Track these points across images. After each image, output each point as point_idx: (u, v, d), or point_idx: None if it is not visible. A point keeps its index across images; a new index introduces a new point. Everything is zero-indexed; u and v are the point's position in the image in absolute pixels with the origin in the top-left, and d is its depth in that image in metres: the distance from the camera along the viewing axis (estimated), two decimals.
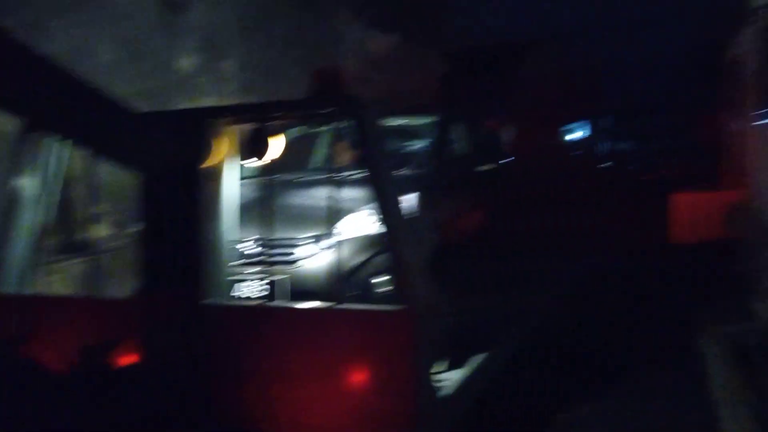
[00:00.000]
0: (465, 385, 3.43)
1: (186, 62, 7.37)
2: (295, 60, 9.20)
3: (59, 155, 3.20)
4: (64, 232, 5.85)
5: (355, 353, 2.62)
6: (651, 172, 20.87)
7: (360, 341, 2.62)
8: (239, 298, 3.45)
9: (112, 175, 5.61)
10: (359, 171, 3.05)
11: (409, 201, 3.79)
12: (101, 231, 6.40)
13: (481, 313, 4.75)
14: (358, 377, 2.62)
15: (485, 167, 5.16)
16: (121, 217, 6.35)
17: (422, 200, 3.99)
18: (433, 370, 2.89)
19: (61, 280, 5.35)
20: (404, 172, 4.32)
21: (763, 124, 7.49)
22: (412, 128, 5.06)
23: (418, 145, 5.02)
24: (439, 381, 3.24)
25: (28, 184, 3.20)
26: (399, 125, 5.08)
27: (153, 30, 6.84)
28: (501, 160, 6.28)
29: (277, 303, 2.98)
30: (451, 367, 3.66)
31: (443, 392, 3.11)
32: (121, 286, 3.90)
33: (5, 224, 3.18)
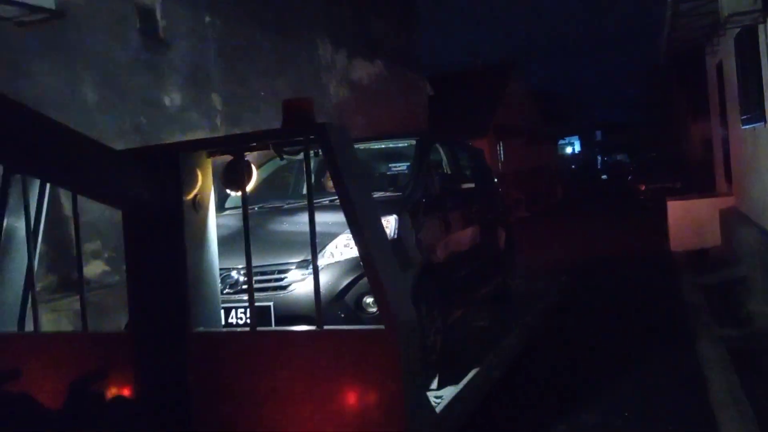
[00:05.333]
0: (458, 401, 3.45)
1: (172, 98, 7.49)
2: (279, 90, 9.36)
3: (41, 195, 3.27)
4: (61, 271, 5.89)
5: (343, 374, 2.64)
6: (645, 182, 21.07)
7: (346, 362, 2.65)
8: (234, 325, 3.49)
9: (104, 212, 5.71)
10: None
11: (390, 222, 3.86)
12: (97, 268, 6.44)
13: (471, 328, 4.79)
14: (348, 398, 2.64)
15: (468, 186, 5.24)
16: (115, 254, 6.40)
17: (405, 221, 4.05)
18: (422, 389, 2.91)
19: (62, 317, 5.38)
20: (386, 194, 4.39)
21: (746, 128, 7.64)
22: (394, 151, 5.15)
23: (401, 167, 5.11)
24: (431, 398, 3.26)
25: (13, 224, 3.25)
26: (382, 148, 5.17)
27: (137, 68, 6.96)
28: (485, 178, 6.37)
29: (264, 328, 3.01)
30: (442, 385, 3.69)
31: (435, 409, 3.13)
32: (119, 321, 3.94)
33: None
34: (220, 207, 4.67)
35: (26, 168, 2.62)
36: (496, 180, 7.19)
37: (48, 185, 3.25)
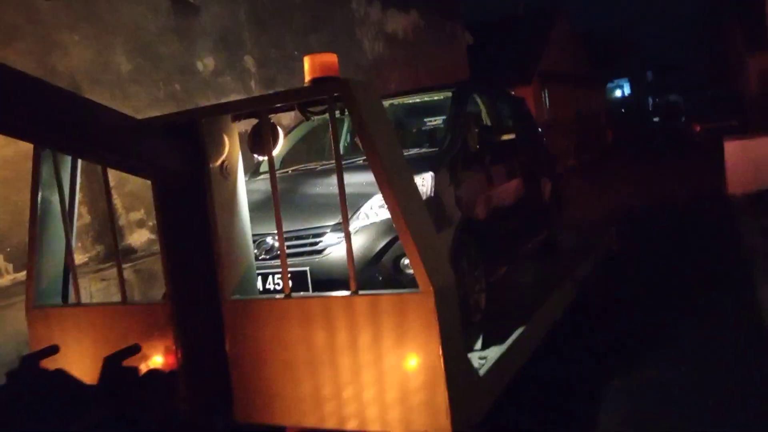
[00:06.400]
0: (503, 361, 3.35)
1: (205, 63, 7.42)
2: (314, 49, 9.18)
3: (73, 169, 3.26)
4: (107, 240, 6.01)
5: (380, 340, 2.57)
6: (700, 122, 20.06)
7: (383, 327, 2.57)
8: (272, 291, 3.45)
9: (146, 180, 5.76)
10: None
11: (426, 180, 3.71)
12: (142, 236, 6.56)
13: (517, 285, 4.65)
14: (386, 364, 2.58)
15: (510, 137, 5.00)
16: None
17: (442, 178, 3.89)
18: (463, 351, 2.82)
19: (111, 286, 5.50)
20: (422, 150, 4.23)
21: None
22: (430, 104, 4.95)
23: (437, 121, 4.92)
24: (475, 360, 3.17)
25: (48, 199, 3.26)
26: (416, 102, 4.98)
27: (168, 35, 6.90)
28: (529, 129, 6.11)
29: (299, 294, 2.95)
30: (487, 345, 3.59)
31: (479, 371, 3.04)
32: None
33: (36, 239, 3.26)
34: (255, 171, 4.61)
35: (52, 143, 2.59)
36: (540, 129, 6.89)
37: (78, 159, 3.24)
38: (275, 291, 3.46)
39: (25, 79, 2.10)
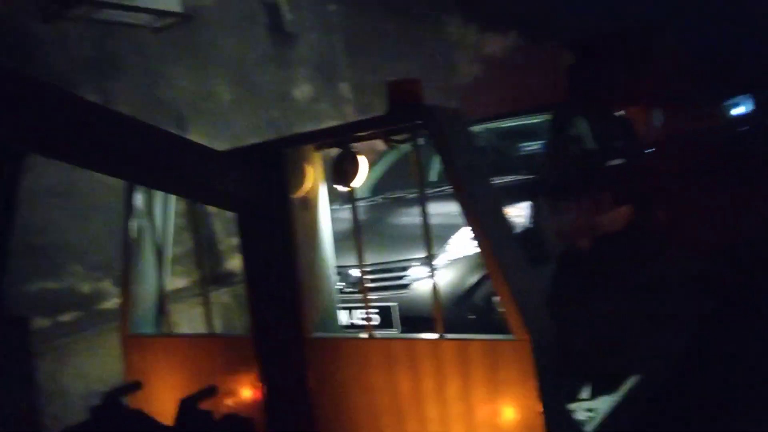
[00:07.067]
0: (615, 414, 2.98)
1: (302, 90, 7.54)
2: (410, 73, 9.13)
3: (166, 196, 3.28)
4: (207, 265, 6.16)
5: (470, 389, 2.34)
6: None
7: (473, 375, 2.33)
8: (350, 326, 3.30)
9: None
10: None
11: (523, 210, 3.44)
12: (241, 262, 6.67)
13: (627, 328, 4.21)
14: (477, 415, 2.33)
15: (615, 162, 4.61)
16: None
17: (541, 207, 3.60)
18: (565, 403, 2.51)
19: (207, 312, 5.60)
20: (519, 177, 3.96)
21: None
22: (528, 127, 4.67)
23: (535, 145, 4.62)
24: (582, 412, 2.85)
25: (143, 226, 3.30)
26: (513, 126, 4.72)
27: (266, 64, 7.06)
28: (636, 151, 5.65)
29: (384, 334, 2.77)
30: (596, 394, 3.22)
31: (585, 427, 2.71)
32: None
33: (131, 267, 3.30)
34: (343, 199, 4.51)
35: (132, 178, 2.59)
36: (648, 151, 6.37)
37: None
38: (359, 327, 3.30)
39: (105, 112, 2.09)
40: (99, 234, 4.63)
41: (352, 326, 3.29)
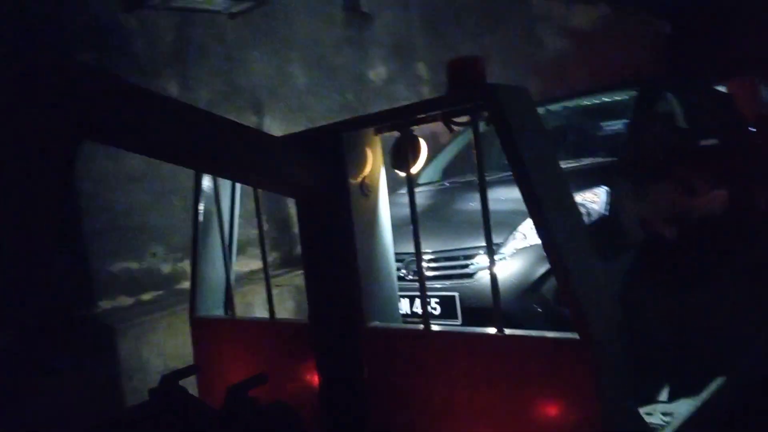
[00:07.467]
0: (695, 420, 2.75)
1: (377, 71, 7.46)
2: (489, 50, 8.82)
3: (231, 183, 3.32)
4: (283, 248, 6.28)
5: (528, 388, 2.20)
6: None
7: (532, 373, 2.20)
8: (412, 314, 3.22)
9: None
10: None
11: (599, 196, 3.21)
12: None
13: (715, 324, 3.88)
14: (534, 416, 2.20)
15: (711, 142, 4.22)
16: None
17: (621, 192, 3.35)
18: (631, 408, 2.33)
19: (285, 291, 5.74)
20: (597, 160, 3.70)
21: None
22: (611, 105, 4.35)
23: (617, 125, 4.31)
24: (657, 416, 2.64)
25: (210, 209, 3.35)
26: (595, 104, 4.42)
27: (342, 45, 7.03)
28: (736, 129, 5.17)
29: (442, 325, 2.67)
30: (674, 396, 2.99)
31: (663, 430, 2.52)
32: None
33: (199, 249, 3.37)
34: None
35: (190, 164, 2.61)
36: (755, 130, 5.82)
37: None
38: (421, 316, 3.22)
39: (163, 100, 2.10)
40: (178, 216, 4.81)
41: (414, 315, 3.21)
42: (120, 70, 4.94)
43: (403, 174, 2.72)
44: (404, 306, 3.19)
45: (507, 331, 2.29)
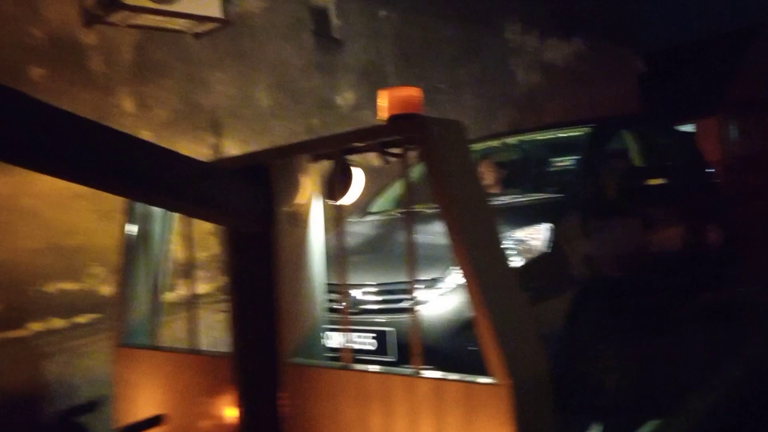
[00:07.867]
0: None
1: (345, 97, 7.42)
2: (461, 81, 8.85)
3: (162, 216, 3.21)
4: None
5: (442, 430, 2.11)
6: None
7: (450, 419, 2.10)
8: (347, 349, 3.10)
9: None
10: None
11: (539, 233, 3.15)
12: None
13: (663, 365, 3.81)
14: None
15: (668, 180, 4.19)
16: None
17: (566, 229, 3.30)
18: None
19: (192, 326, 5.55)
20: (544, 196, 3.66)
21: None
22: (564, 141, 4.33)
23: (568, 161, 4.28)
24: None
25: (141, 236, 3.24)
26: (547, 140, 4.40)
27: (310, 70, 6.99)
28: (694, 168, 5.19)
29: (360, 366, 2.54)
30: None
31: None
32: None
33: (127, 274, 3.24)
34: (362, 212, 4.34)
35: (117, 191, 2.50)
36: (712, 170, 5.85)
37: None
38: (355, 351, 3.11)
39: (87, 124, 2.01)
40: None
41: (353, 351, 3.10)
42: (72, 85, 4.84)
43: (334, 204, 2.63)
44: (337, 340, 3.08)
45: (424, 374, 2.20)
